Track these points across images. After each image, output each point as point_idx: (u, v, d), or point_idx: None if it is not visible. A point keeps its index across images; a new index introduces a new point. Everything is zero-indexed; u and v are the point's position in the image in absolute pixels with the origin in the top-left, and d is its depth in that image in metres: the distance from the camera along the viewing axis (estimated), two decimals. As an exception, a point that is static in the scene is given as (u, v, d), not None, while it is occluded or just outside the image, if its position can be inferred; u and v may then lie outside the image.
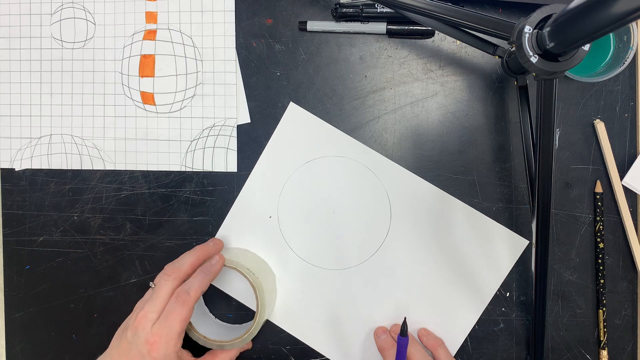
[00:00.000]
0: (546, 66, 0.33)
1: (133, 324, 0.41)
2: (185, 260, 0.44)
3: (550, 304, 0.48)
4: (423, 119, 0.49)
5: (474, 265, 0.48)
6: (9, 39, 0.52)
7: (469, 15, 0.38)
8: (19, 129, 0.52)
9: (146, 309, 0.41)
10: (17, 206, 0.52)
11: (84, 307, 0.52)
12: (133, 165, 0.51)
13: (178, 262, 0.45)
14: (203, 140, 0.50)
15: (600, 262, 0.47)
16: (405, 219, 0.49)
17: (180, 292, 0.42)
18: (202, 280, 0.43)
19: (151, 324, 0.41)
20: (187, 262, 0.44)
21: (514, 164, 0.48)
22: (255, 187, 0.50)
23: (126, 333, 0.42)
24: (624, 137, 0.47)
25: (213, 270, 0.45)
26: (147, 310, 0.41)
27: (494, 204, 0.48)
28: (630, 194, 0.48)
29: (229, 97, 0.50)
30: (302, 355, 0.50)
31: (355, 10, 0.47)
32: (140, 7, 0.51)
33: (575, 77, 0.44)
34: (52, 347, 0.52)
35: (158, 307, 0.41)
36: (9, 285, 0.52)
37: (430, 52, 0.49)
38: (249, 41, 0.50)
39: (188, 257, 0.45)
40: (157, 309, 0.41)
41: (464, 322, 0.49)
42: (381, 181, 0.49)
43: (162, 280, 0.43)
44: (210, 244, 0.48)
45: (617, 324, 0.48)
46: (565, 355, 0.48)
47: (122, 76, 0.51)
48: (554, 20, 0.31)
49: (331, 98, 0.49)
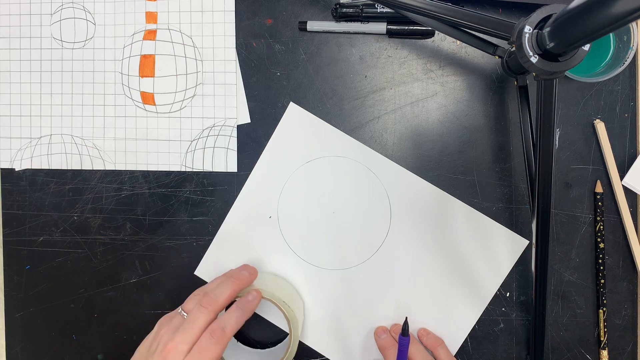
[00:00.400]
0: (546, 66, 0.33)
1: (161, 353, 0.39)
2: (222, 292, 0.43)
3: (550, 304, 0.48)
4: (423, 119, 0.49)
5: (474, 265, 0.49)
6: (9, 39, 0.52)
7: (469, 15, 0.38)
8: (19, 129, 0.52)
9: (177, 340, 0.39)
10: (17, 206, 0.52)
11: (84, 307, 0.52)
12: (133, 165, 0.51)
13: (214, 292, 0.43)
14: (203, 140, 0.50)
15: (600, 262, 0.47)
16: (405, 219, 0.49)
17: (215, 328, 0.40)
18: (239, 318, 0.42)
19: (182, 357, 0.39)
20: (224, 295, 0.43)
21: (514, 164, 0.48)
22: (255, 187, 0.50)
23: None
24: (624, 137, 0.47)
25: (250, 307, 0.43)
26: (179, 342, 0.39)
27: (494, 204, 0.48)
28: (630, 194, 0.48)
29: (229, 97, 0.50)
30: (303, 355, 0.50)
31: (355, 10, 0.47)
32: (140, 7, 0.51)
33: (575, 77, 0.44)
34: (52, 347, 0.52)
35: (190, 340, 0.40)
36: (9, 285, 0.52)
37: (430, 52, 0.49)
38: (249, 41, 0.50)
39: (224, 290, 0.43)
40: (189, 341, 0.40)
41: (464, 321, 0.49)
42: (381, 181, 0.49)
43: (197, 312, 0.41)
44: (245, 274, 0.46)
45: (617, 324, 0.48)
46: (565, 355, 0.48)
47: (122, 76, 0.51)
48: (554, 20, 0.31)
49: (331, 98, 0.49)
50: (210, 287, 0.44)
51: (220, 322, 0.41)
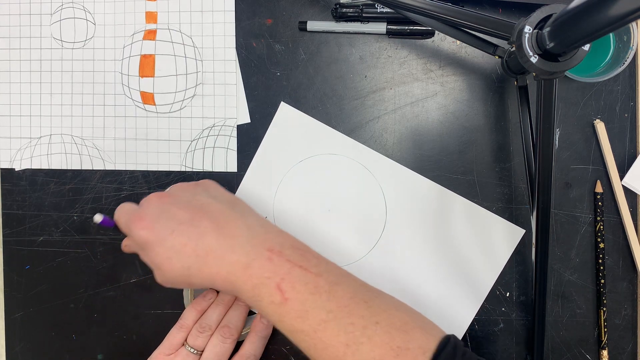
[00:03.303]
0: (546, 66, 0.33)
1: None
2: (237, 319, 0.45)
3: (550, 304, 0.48)
4: (423, 119, 0.49)
5: (471, 256, 0.48)
6: (9, 39, 0.52)
7: (469, 15, 0.38)
8: (19, 129, 0.52)
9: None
10: (17, 206, 0.52)
11: (84, 307, 0.52)
12: (133, 165, 0.51)
13: (231, 322, 0.44)
14: (203, 140, 0.50)
15: (600, 262, 0.47)
16: (400, 214, 0.49)
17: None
18: (262, 347, 0.45)
19: None
20: (240, 322, 0.45)
21: (514, 164, 0.48)
22: (249, 188, 0.50)
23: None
24: (624, 137, 0.47)
25: (267, 333, 0.46)
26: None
27: (494, 204, 0.48)
28: (630, 194, 0.48)
29: (229, 97, 0.50)
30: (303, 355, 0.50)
31: (355, 11, 0.47)
32: (140, 7, 0.51)
33: (575, 77, 0.44)
34: (52, 347, 0.52)
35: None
36: (9, 285, 0.52)
37: (430, 52, 0.49)
38: (249, 41, 0.50)
39: (238, 315, 0.45)
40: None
41: (462, 315, 0.49)
42: (375, 177, 0.49)
43: (222, 344, 0.43)
44: (229, 295, 0.47)
45: (617, 324, 0.48)
46: (565, 355, 0.48)
47: (122, 76, 0.51)
48: (554, 20, 0.31)
49: (331, 98, 0.49)
50: (212, 317, 0.44)
51: (250, 357, 0.44)
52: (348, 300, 0.36)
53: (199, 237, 0.37)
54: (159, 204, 0.39)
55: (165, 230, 0.37)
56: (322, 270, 0.37)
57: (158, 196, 0.39)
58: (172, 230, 0.37)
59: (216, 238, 0.37)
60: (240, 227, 0.38)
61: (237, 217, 0.39)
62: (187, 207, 0.38)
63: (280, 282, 0.36)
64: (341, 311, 0.35)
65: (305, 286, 0.36)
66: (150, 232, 0.37)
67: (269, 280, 0.36)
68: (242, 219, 0.39)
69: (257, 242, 0.38)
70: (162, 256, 0.37)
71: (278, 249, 0.37)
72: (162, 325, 0.51)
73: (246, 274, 0.36)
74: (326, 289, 0.36)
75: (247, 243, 0.37)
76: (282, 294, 0.35)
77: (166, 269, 0.38)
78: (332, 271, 0.38)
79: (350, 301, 0.36)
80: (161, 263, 0.37)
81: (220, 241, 0.37)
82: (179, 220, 0.38)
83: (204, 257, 0.37)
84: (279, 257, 0.37)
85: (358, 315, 0.35)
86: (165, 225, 0.37)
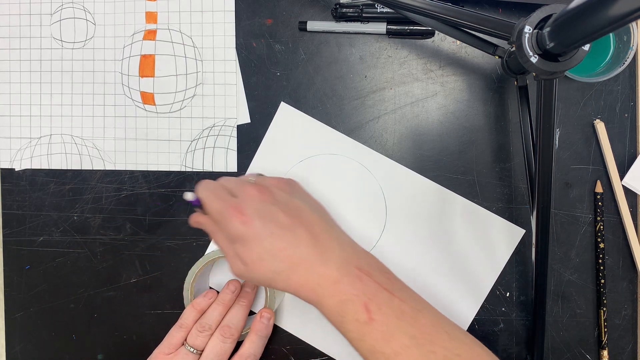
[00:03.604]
0: (546, 66, 0.33)
1: None
2: (238, 319, 0.45)
3: (550, 304, 0.48)
4: (423, 119, 0.49)
5: (471, 256, 0.48)
6: (9, 39, 0.52)
7: (469, 15, 0.38)
8: (19, 129, 0.52)
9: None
10: (17, 206, 0.52)
11: (84, 307, 0.52)
12: (133, 165, 0.51)
13: (231, 321, 0.45)
14: (203, 140, 0.50)
15: (600, 262, 0.47)
16: (400, 213, 0.49)
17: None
18: (262, 346, 0.46)
19: None
20: (241, 322, 0.45)
21: (514, 164, 0.48)
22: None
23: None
24: (624, 137, 0.47)
25: (268, 332, 0.46)
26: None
27: (494, 204, 0.48)
28: (630, 194, 0.48)
29: (229, 97, 0.50)
30: (303, 355, 0.50)
31: (355, 11, 0.47)
32: (140, 7, 0.51)
33: (575, 77, 0.44)
34: (52, 347, 0.52)
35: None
36: (9, 285, 0.52)
37: (430, 52, 0.49)
38: (249, 41, 0.50)
39: (239, 315, 0.45)
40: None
41: (463, 315, 0.49)
42: (375, 176, 0.49)
43: (222, 343, 0.43)
44: (229, 295, 0.47)
45: (617, 324, 0.48)
46: (565, 355, 0.48)
47: (122, 76, 0.51)
48: (554, 20, 0.31)
49: (331, 98, 0.49)
50: (213, 316, 0.45)
51: (250, 357, 0.44)
52: (430, 328, 0.36)
53: (296, 245, 0.37)
54: (260, 201, 0.38)
55: (265, 231, 0.37)
56: (406, 296, 0.37)
57: (258, 191, 0.39)
58: (271, 232, 0.37)
59: (311, 248, 0.37)
60: (332, 240, 0.38)
61: (329, 230, 0.39)
62: (286, 211, 0.38)
63: (368, 302, 0.36)
64: (424, 338, 0.35)
65: (391, 309, 0.36)
66: (249, 228, 0.37)
67: (357, 298, 0.36)
68: (334, 231, 0.40)
69: (348, 259, 0.38)
70: (255, 255, 0.37)
71: (367, 269, 0.38)
72: (162, 325, 0.51)
73: (334, 289, 0.36)
74: (411, 315, 0.36)
75: (339, 258, 0.37)
76: (368, 314, 0.36)
77: (254, 268, 0.37)
78: (415, 298, 0.38)
79: (433, 329, 0.36)
80: (252, 261, 0.37)
81: (314, 252, 0.37)
82: (279, 223, 0.37)
83: (296, 266, 0.37)
84: (368, 277, 0.37)
85: (440, 345, 0.35)
86: (266, 226, 0.37)
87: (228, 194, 0.39)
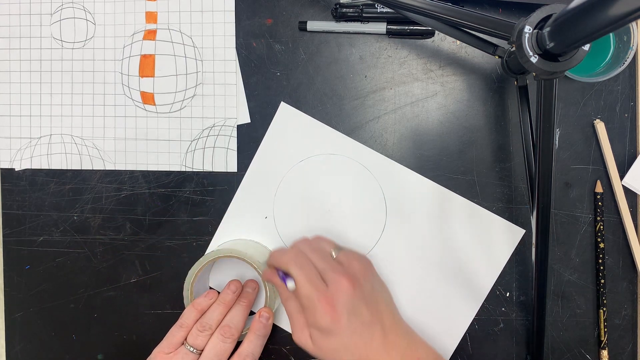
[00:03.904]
0: (546, 66, 0.33)
1: None
2: (238, 319, 0.45)
3: (550, 304, 0.48)
4: (423, 119, 0.49)
5: (472, 256, 0.48)
6: (9, 39, 0.52)
7: (469, 15, 0.38)
8: (19, 129, 0.52)
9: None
10: (17, 206, 0.52)
11: (84, 307, 0.52)
12: (133, 165, 0.51)
13: (231, 321, 0.45)
14: (203, 140, 0.50)
15: (600, 262, 0.47)
16: (400, 213, 0.49)
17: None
18: (261, 346, 0.45)
19: None
20: (241, 322, 0.45)
21: (514, 164, 0.48)
22: (249, 188, 0.50)
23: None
24: (624, 137, 0.47)
25: (266, 331, 0.46)
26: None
27: (494, 204, 0.48)
28: (630, 194, 0.48)
29: (229, 97, 0.50)
30: (303, 355, 0.50)
31: (355, 11, 0.47)
32: (140, 7, 0.51)
33: (575, 77, 0.44)
34: (52, 347, 0.52)
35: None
36: (9, 285, 0.52)
37: (430, 52, 0.49)
38: (249, 41, 0.50)
39: (239, 315, 0.45)
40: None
41: (462, 315, 0.49)
42: (375, 177, 0.49)
43: (223, 343, 0.43)
44: (230, 295, 0.47)
45: (617, 324, 0.48)
46: (565, 355, 0.48)
47: (122, 76, 0.51)
48: (554, 20, 0.31)
49: (331, 98, 0.49)
50: (213, 316, 0.45)
51: (248, 356, 0.44)
52: None
53: (369, 342, 0.39)
54: (351, 297, 0.39)
55: (349, 329, 0.39)
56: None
57: (352, 285, 0.40)
58: (353, 330, 0.39)
59: (381, 345, 0.39)
60: (399, 336, 0.40)
61: (397, 322, 0.42)
62: (369, 305, 0.40)
63: None
64: None
65: None
66: (336, 324, 0.38)
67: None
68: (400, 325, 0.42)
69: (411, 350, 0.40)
70: (331, 346, 0.39)
71: None
72: (162, 325, 0.51)
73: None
74: None
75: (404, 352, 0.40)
76: None
77: (324, 353, 0.39)
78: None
79: None
80: (326, 348, 0.39)
81: (382, 349, 0.39)
82: (362, 320, 0.39)
83: (363, 358, 0.39)
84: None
85: None
86: (351, 324, 0.39)
87: (319, 277, 0.41)
